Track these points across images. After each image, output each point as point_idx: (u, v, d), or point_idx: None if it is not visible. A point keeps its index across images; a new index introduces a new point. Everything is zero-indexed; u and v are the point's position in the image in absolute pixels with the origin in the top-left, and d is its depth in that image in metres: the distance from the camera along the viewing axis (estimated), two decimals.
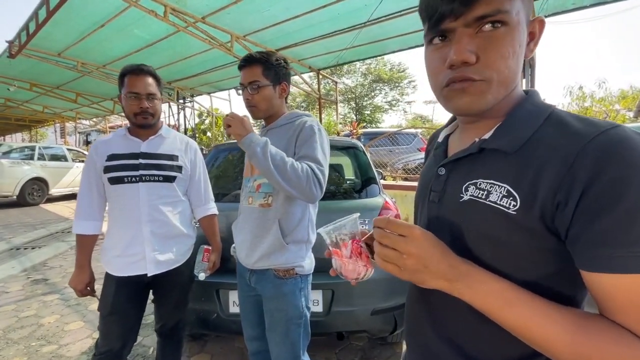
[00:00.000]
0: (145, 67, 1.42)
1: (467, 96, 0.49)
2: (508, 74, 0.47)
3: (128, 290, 1.41)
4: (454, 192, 0.55)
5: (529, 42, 0.50)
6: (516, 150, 0.48)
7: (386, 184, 5.80)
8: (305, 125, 1.24)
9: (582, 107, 6.73)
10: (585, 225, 0.40)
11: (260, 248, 1.24)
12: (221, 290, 1.83)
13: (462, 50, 0.46)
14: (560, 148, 0.43)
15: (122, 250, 1.39)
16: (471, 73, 0.47)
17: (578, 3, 4.60)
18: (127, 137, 1.46)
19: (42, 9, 4.43)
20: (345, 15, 4.88)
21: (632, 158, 0.39)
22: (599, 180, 0.39)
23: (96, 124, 17.80)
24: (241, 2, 4.45)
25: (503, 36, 0.45)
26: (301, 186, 1.09)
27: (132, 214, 1.39)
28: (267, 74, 1.25)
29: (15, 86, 8.44)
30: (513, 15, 0.45)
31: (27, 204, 8.06)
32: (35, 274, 3.70)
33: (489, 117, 0.53)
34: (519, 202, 0.45)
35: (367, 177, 2.41)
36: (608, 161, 0.39)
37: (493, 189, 0.48)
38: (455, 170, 0.57)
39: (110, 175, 1.39)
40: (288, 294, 1.25)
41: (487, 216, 0.49)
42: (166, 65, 7.15)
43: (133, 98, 1.38)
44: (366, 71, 23.46)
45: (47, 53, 6.30)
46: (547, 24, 0.51)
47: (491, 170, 0.50)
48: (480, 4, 0.45)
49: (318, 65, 7.53)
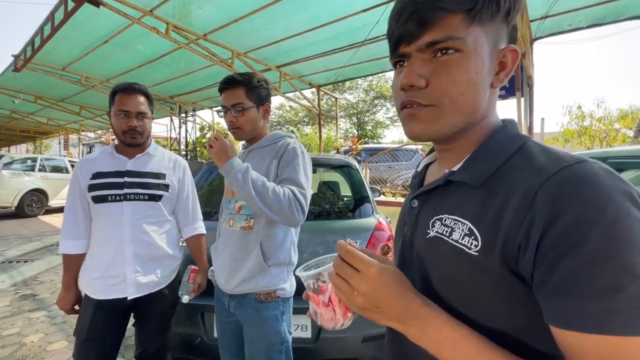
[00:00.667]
0: (137, 85, 1.41)
1: (418, 122, 0.48)
2: (463, 100, 0.45)
3: (107, 315, 1.35)
4: (423, 227, 0.52)
5: (499, 71, 0.47)
6: (481, 184, 0.45)
7: (385, 201, 5.76)
8: (288, 147, 1.23)
9: (582, 126, 6.73)
10: (546, 271, 0.36)
11: (240, 272, 1.20)
12: (206, 313, 1.77)
13: (410, 74, 0.46)
14: (522, 184, 0.40)
15: (102, 272, 1.34)
16: (419, 98, 0.46)
17: (574, 24, 4.67)
18: (113, 154, 1.43)
19: (48, 25, 4.53)
20: (343, 34, 4.96)
21: (595, 197, 0.35)
22: (559, 220, 0.36)
23: (99, 136, 17.98)
24: (242, 20, 4.54)
25: (456, 62, 0.44)
26: (283, 211, 1.08)
27: (115, 233, 1.35)
28: (250, 96, 1.25)
29: (20, 99, 8.58)
30: (468, 43, 0.44)
31: (25, 215, 8.04)
32: (24, 288, 3.63)
33: (460, 147, 0.51)
34: (480, 242, 0.42)
35: (361, 195, 2.37)
36: (568, 200, 0.36)
37: (456, 226, 0.46)
38: (426, 203, 0.54)
39: (94, 194, 1.36)
40: (270, 318, 1.20)
41: (449, 256, 0.46)
42: (168, 80, 7.27)
43: (122, 116, 1.36)
44: (368, 87, 23.76)
45: (51, 67, 6.41)
46: (544, 44, 0.50)
47: (457, 205, 0.48)
48: (431, 31, 0.44)
49: (318, 82, 7.62)
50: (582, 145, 6.58)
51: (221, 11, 4.35)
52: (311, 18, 4.50)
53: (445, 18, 0.43)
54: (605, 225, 0.34)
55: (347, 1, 4.09)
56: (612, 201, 0.35)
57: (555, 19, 4.47)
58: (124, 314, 1.42)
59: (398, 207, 5.49)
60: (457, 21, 0.43)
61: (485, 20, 0.44)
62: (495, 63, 0.47)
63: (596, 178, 0.37)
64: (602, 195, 0.35)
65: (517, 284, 0.40)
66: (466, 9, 0.43)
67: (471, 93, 0.45)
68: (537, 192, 0.38)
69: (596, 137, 6.43)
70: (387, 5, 4.00)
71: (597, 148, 6.41)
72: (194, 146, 11.33)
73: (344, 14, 4.39)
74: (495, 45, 0.46)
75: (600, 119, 6.37)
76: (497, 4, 0.44)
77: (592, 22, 4.56)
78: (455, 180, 0.49)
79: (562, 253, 0.35)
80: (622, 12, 4.28)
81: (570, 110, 6.60)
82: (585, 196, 0.36)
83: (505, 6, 0.44)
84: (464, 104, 0.45)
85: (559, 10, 4.17)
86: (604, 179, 0.37)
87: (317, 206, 2.38)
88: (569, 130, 6.77)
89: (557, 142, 7.27)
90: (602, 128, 6.43)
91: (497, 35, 0.46)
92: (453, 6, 0.43)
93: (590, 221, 0.34)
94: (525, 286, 0.40)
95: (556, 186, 0.37)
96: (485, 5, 0.43)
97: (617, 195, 0.35)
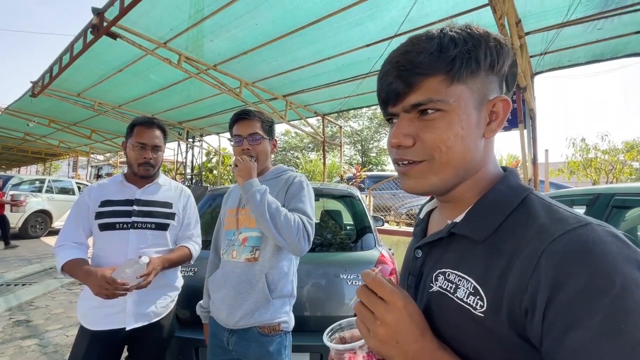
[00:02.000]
0: (155, 120, 1.48)
1: (410, 179, 0.49)
2: (452, 154, 0.46)
3: (102, 348, 1.31)
4: (426, 280, 0.51)
5: (491, 121, 0.48)
6: (485, 239, 0.44)
7: (389, 229, 5.67)
8: (295, 180, 1.28)
9: (586, 158, 6.71)
10: (555, 340, 0.35)
11: (244, 305, 1.18)
12: (201, 348, 1.71)
13: (397, 134, 0.48)
14: (527, 244, 0.40)
15: (101, 301, 1.29)
16: (409, 155, 0.48)
17: (573, 60, 4.78)
18: (123, 183, 1.46)
19: (67, 55, 4.76)
20: (348, 67, 5.13)
21: (601, 266, 0.34)
22: (565, 287, 0.34)
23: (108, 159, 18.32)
24: (251, 53, 4.73)
25: (440, 121, 0.46)
26: (291, 237, 1.10)
27: (117, 261, 1.33)
28: (264, 128, 1.32)
29: (34, 122, 8.86)
30: (450, 102, 0.45)
31: (29, 236, 8.04)
32: (19, 314, 3.55)
33: (459, 198, 0.51)
34: (486, 303, 0.41)
35: (363, 226, 2.34)
36: (574, 267, 0.35)
37: (461, 282, 0.44)
38: (430, 254, 0.53)
39: (102, 222, 1.37)
40: (274, 353, 1.17)
41: (455, 314, 0.44)
42: (178, 107, 7.48)
43: (139, 148, 1.41)
44: (372, 115, 24.21)
45: (67, 93, 6.66)
46: (546, 78, 0.52)
47: (460, 259, 0.47)
48: (414, 93, 0.46)
49: (323, 111, 7.80)
50: (588, 177, 6.54)
51: (231, 44, 4.55)
52: (317, 51, 4.68)
53: (425, 81, 0.45)
54: (613, 297, 0.33)
55: (351, 36, 4.26)
56: (619, 270, 0.34)
57: (555, 55, 4.59)
58: (119, 346, 1.38)
59: (402, 236, 5.40)
60: (436, 83, 0.45)
61: (467, 78, 0.45)
62: (485, 114, 0.48)
63: (601, 244, 0.35)
64: (608, 263, 0.34)
65: (525, 349, 0.39)
66: (444, 71, 0.45)
67: (460, 147, 0.46)
68: (540, 256, 0.37)
69: (602, 169, 6.40)
70: (390, 41, 4.16)
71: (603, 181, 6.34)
72: (200, 170, 11.45)
73: (348, 48, 4.56)
74: (484, 97, 0.47)
75: (606, 151, 6.37)
76: (477, 61, 0.45)
77: (591, 58, 4.68)
78: (457, 233, 0.48)
79: (569, 324, 0.34)
80: (620, 49, 4.39)
81: (574, 142, 6.64)
82: (591, 265, 0.34)
83: (487, 61, 0.46)
84: (454, 158, 0.46)
85: (557, 47, 4.30)
86: (610, 245, 0.35)
87: (319, 236, 2.35)
88: (574, 162, 6.75)
89: (562, 173, 7.24)
90: (607, 160, 6.41)
91: (485, 88, 0.47)
92: (430, 71, 0.45)
93: (598, 292, 0.33)
94: (535, 351, 0.38)
95: (560, 252, 0.36)
96: (464, 65, 0.44)
97: (625, 264, 0.34)
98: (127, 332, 1.33)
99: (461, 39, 0.45)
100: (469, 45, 0.45)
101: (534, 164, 4.72)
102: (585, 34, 4.08)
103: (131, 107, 7.50)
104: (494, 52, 0.46)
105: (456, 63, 0.44)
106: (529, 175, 4.67)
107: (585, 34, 4.08)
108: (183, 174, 11.16)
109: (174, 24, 4.10)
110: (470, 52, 0.45)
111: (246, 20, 3.92)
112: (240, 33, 4.23)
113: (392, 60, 0.47)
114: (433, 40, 0.45)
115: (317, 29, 4.07)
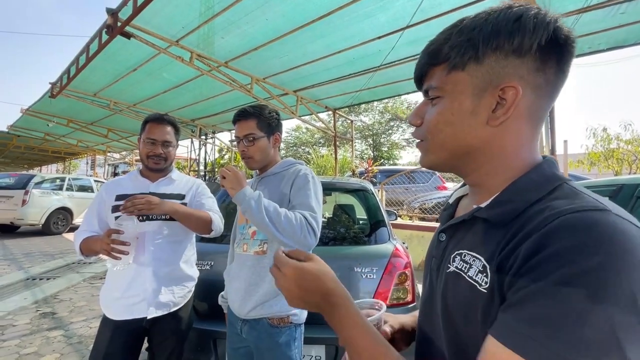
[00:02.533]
0: (167, 117, 1.51)
1: (420, 154, 0.56)
2: (443, 138, 0.50)
3: (125, 338, 1.37)
4: (446, 262, 0.52)
5: (496, 109, 0.46)
6: (505, 224, 0.44)
7: (402, 224, 5.63)
8: (300, 173, 1.27)
9: (608, 148, 6.47)
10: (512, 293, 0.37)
11: (254, 297, 1.21)
12: (218, 340, 1.74)
13: (412, 114, 0.55)
14: (534, 221, 0.39)
15: (122, 292, 1.36)
16: (415, 134, 0.55)
17: (594, 47, 4.60)
18: (137, 178, 1.51)
19: (83, 56, 4.88)
20: (359, 60, 5.08)
21: (587, 244, 0.33)
22: (538, 254, 0.35)
23: (124, 157, 18.78)
24: (261, 48, 4.74)
25: (438, 106, 0.50)
26: (296, 235, 1.10)
27: (134, 254, 1.36)
28: (261, 126, 1.30)
29: (54, 122, 9.15)
30: (446, 89, 0.49)
31: (51, 232, 8.34)
32: (45, 306, 3.70)
33: (487, 183, 0.51)
34: (489, 279, 0.42)
35: (377, 220, 2.33)
36: (557, 237, 0.35)
37: (474, 262, 0.46)
38: (453, 237, 0.54)
39: (118, 214, 1.40)
40: (283, 344, 1.19)
41: (464, 291, 0.45)
42: (190, 105, 7.59)
43: (150, 144, 1.45)
44: (383, 109, 23.97)
45: (84, 93, 6.85)
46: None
47: (478, 241, 0.47)
48: (425, 80, 0.53)
49: (334, 105, 7.76)
50: (610, 168, 6.30)
51: (242, 40, 4.57)
52: (328, 45, 4.65)
53: (432, 70, 0.51)
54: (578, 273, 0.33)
55: (362, 29, 4.21)
56: (612, 255, 0.32)
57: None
58: (140, 336, 1.43)
59: (415, 231, 5.36)
60: (439, 71, 0.50)
61: (468, 65, 0.46)
62: (489, 101, 0.46)
63: (611, 229, 0.34)
64: (597, 244, 0.33)
65: None
66: (443, 61, 0.48)
67: (449, 131, 0.49)
68: (540, 230, 0.37)
69: (625, 160, 6.15)
70: (402, 32, 4.09)
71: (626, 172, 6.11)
72: (213, 167, 11.61)
73: (359, 41, 4.51)
74: (489, 83, 0.46)
75: (629, 141, 6.11)
76: (474, 47, 0.45)
77: (613, 44, 4.49)
78: (479, 217, 0.49)
79: (529, 279, 0.35)
80: None
81: (595, 132, 6.40)
82: (579, 239, 0.34)
83: (491, 44, 0.44)
84: (444, 141, 0.50)
85: (578, 34, 4.11)
86: (619, 234, 0.34)
87: (333, 230, 2.35)
88: (595, 153, 6.51)
89: (581, 165, 7.00)
90: (630, 150, 6.16)
91: (494, 74, 0.45)
92: (435, 60, 0.50)
93: (562, 262, 0.34)
94: None
95: (558, 225, 0.36)
96: (460, 53, 0.46)
97: (627, 254, 0.33)
98: (148, 322, 1.37)
99: (470, 27, 0.46)
100: (474, 30, 0.45)
101: (552, 155, 4.59)
102: (607, 19, 3.91)
103: (145, 106, 7.65)
104: (506, 34, 0.43)
105: (452, 53, 0.47)
106: None
107: (607, 19, 3.91)
108: (197, 171, 11.33)
109: (185, 22, 4.15)
110: (471, 39, 0.45)
111: (256, 15, 3.92)
112: (251, 29, 4.24)
113: (427, 44, 0.52)
114: (448, 31, 0.48)
115: (327, 22, 4.04)
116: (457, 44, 0.46)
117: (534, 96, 0.45)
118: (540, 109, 0.46)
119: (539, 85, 0.45)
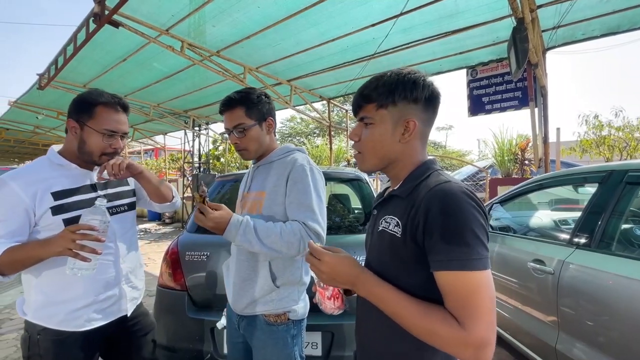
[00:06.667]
0: (122, 100, 1.24)
1: (358, 162, 0.85)
2: (374, 152, 0.80)
3: (93, 351, 1.21)
4: (377, 225, 0.82)
5: (404, 133, 0.77)
6: (406, 196, 0.76)
7: None
8: (296, 164, 1.19)
9: (600, 135, 6.53)
10: (427, 240, 0.67)
11: (249, 292, 1.18)
12: (216, 329, 1.76)
13: (351, 133, 0.84)
14: (420, 195, 0.72)
15: (94, 297, 1.17)
16: (355, 147, 0.84)
17: (588, 33, 4.60)
18: (69, 169, 1.20)
19: (70, 45, 4.74)
20: (353, 48, 5.02)
21: (447, 202, 0.66)
22: (430, 212, 0.67)
23: None
24: (253, 37, 4.66)
25: (370, 130, 0.80)
26: (299, 248, 1.09)
27: (108, 252, 1.20)
28: (250, 114, 1.21)
29: (43, 115, 8.95)
30: (376, 119, 0.78)
31: None
32: None
33: (397, 176, 0.82)
34: (401, 228, 0.73)
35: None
36: (434, 202, 0.67)
37: (392, 221, 0.76)
38: (380, 211, 0.85)
39: (67, 216, 1.12)
40: (279, 342, 1.17)
41: (388, 239, 0.76)
42: (183, 95, 7.47)
43: (109, 136, 1.18)
44: None
45: (73, 84, 6.69)
46: (557, 54, 0.64)
47: (393, 209, 0.78)
48: (361, 112, 0.81)
49: (328, 95, 7.70)
50: (601, 155, 6.37)
51: (234, 29, 4.48)
52: (321, 33, 4.58)
53: (365, 106, 0.80)
54: (451, 214, 0.65)
55: (356, 16, 4.15)
56: (456, 202, 0.66)
57: (568, 29, 4.42)
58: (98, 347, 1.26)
59: None
60: (371, 107, 0.79)
61: (388, 106, 0.77)
62: (401, 128, 0.77)
63: (450, 191, 0.68)
64: (453, 201, 0.66)
65: (421, 251, 0.69)
66: (373, 102, 0.78)
67: (378, 148, 0.79)
68: (422, 199, 0.70)
69: (616, 147, 6.22)
70: (395, 20, 4.04)
71: (617, 158, 6.19)
72: (207, 158, 11.52)
73: (353, 29, 4.45)
74: (400, 117, 0.77)
75: (620, 128, 6.17)
76: (392, 97, 0.76)
77: (606, 31, 4.49)
78: (394, 195, 0.80)
79: (432, 229, 0.66)
80: (637, 20, 4.20)
81: (587, 119, 6.44)
82: (441, 200, 0.67)
83: (401, 96, 0.75)
84: (375, 154, 0.81)
85: (571, 20, 4.12)
86: (457, 193, 0.67)
87: (328, 220, 2.36)
88: (586, 140, 6.56)
89: (573, 152, 7.06)
90: (621, 137, 6.23)
91: (402, 112, 0.76)
92: (368, 101, 0.79)
93: (444, 213, 0.66)
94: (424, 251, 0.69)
95: (430, 196, 0.69)
96: (384, 99, 0.76)
97: (459, 199, 0.67)
98: (113, 327, 1.23)
99: (389, 81, 0.76)
100: (392, 86, 0.75)
101: (544, 143, 4.62)
102: (601, 5, 3.90)
103: (136, 97, 7.51)
104: (409, 91, 0.75)
105: (379, 98, 0.77)
106: (539, 154, 4.58)
107: (601, 5, 3.90)
108: (191, 163, 11.24)
109: (175, 10, 4.04)
110: (390, 91, 0.75)
111: (248, 3, 3.84)
112: (242, 17, 4.15)
113: (360, 89, 0.81)
114: (377, 81, 0.78)
115: (320, 9, 3.97)
116: (382, 92, 0.76)
117: (423, 125, 0.79)
118: (426, 132, 0.81)
119: (425, 119, 0.79)
